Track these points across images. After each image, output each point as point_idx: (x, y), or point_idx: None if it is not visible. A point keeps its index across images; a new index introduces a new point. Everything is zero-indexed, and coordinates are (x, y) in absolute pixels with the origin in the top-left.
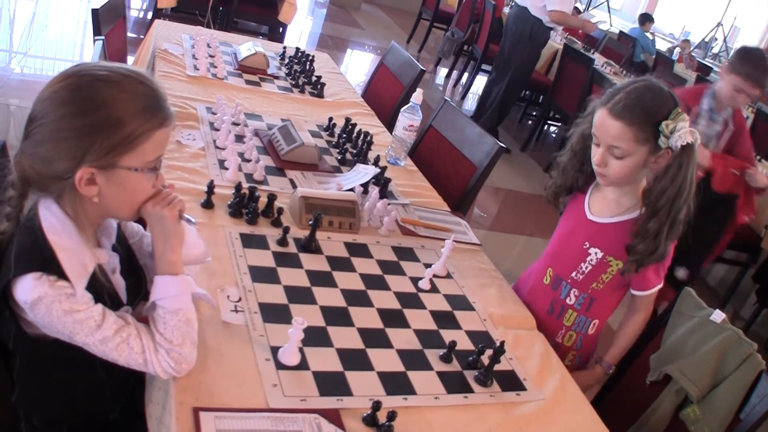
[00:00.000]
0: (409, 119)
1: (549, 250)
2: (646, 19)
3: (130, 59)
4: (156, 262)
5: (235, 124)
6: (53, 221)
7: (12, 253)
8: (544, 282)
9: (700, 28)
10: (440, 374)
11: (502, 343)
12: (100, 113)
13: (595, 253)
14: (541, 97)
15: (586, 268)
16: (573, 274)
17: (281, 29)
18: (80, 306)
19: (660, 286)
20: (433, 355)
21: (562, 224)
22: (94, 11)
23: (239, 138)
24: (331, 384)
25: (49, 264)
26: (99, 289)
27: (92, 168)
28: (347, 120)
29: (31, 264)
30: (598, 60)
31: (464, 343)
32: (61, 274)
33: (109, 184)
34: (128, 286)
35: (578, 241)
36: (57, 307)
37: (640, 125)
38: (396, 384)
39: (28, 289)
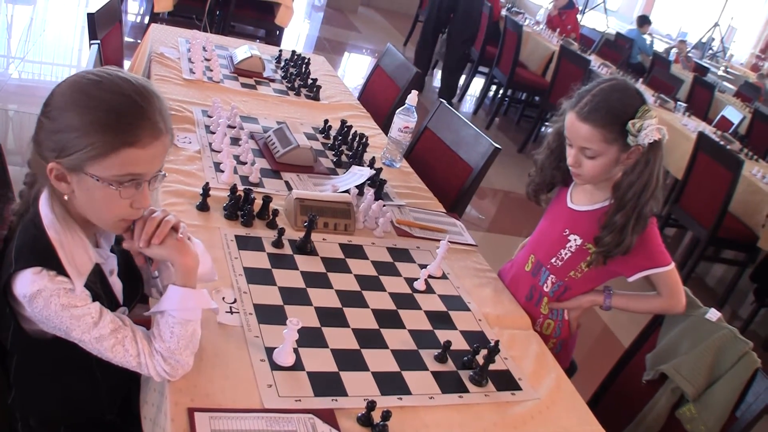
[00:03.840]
0: (404, 121)
1: (531, 239)
2: (643, 21)
3: (127, 63)
4: (177, 272)
5: (230, 126)
6: (52, 218)
7: (12, 249)
8: (525, 269)
9: (696, 29)
10: (435, 374)
11: (497, 342)
12: (72, 117)
13: (575, 240)
14: (538, 98)
15: (566, 254)
16: (552, 260)
17: (278, 33)
18: (78, 302)
19: (667, 267)
20: (428, 355)
21: (545, 216)
22: (90, 15)
23: (235, 141)
24: (325, 384)
25: (49, 259)
26: (96, 289)
27: (60, 165)
28: (343, 122)
29: (32, 259)
30: (595, 61)
31: (459, 343)
32: (61, 270)
33: (80, 188)
34: (125, 288)
35: (559, 228)
36: (55, 300)
37: (607, 126)
38: (391, 384)
39: (28, 283)
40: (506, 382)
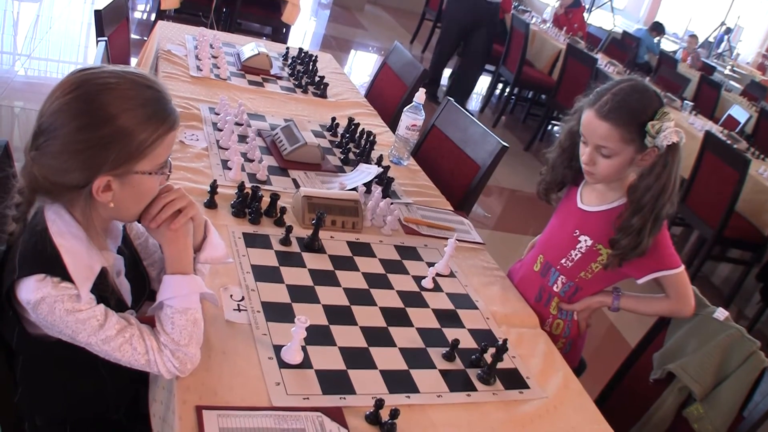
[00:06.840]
0: (411, 119)
1: (541, 239)
2: (656, 27)
3: (134, 60)
4: (166, 262)
5: (238, 124)
6: (61, 225)
7: (16, 255)
8: (534, 269)
9: (703, 28)
10: (443, 372)
11: (505, 341)
12: (113, 124)
13: (585, 241)
14: (545, 96)
15: (576, 255)
16: (563, 261)
17: (284, 30)
18: (83, 306)
19: (676, 270)
20: (435, 353)
21: (555, 215)
22: (97, 12)
23: (242, 138)
24: (334, 382)
25: (53, 266)
26: (104, 292)
27: (109, 176)
28: (350, 120)
29: (36, 266)
30: (602, 60)
31: (467, 342)
32: (65, 276)
33: (124, 189)
34: (132, 288)
35: (569, 229)
36: (60, 306)
37: (626, 126)
38: (399, 382)
39: (31, 290)
40: (514, 380)
